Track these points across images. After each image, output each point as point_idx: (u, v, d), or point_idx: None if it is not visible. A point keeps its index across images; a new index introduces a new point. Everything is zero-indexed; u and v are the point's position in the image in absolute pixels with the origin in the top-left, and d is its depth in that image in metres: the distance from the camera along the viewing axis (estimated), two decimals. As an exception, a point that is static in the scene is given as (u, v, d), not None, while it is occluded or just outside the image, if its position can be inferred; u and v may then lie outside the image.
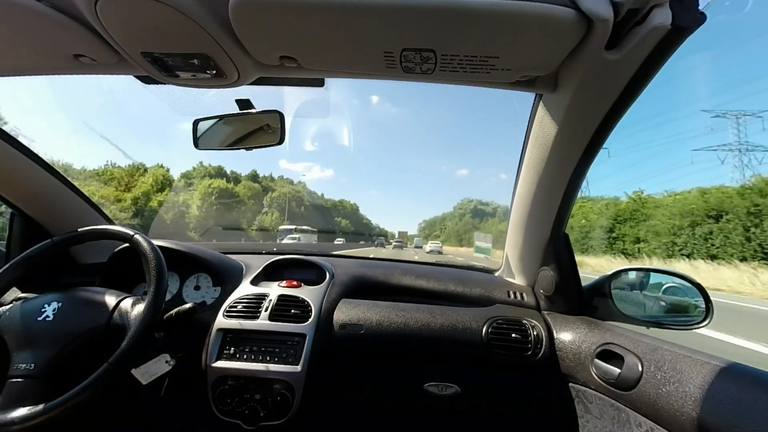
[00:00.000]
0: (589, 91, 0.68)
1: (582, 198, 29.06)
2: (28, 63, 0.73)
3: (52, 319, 0.75)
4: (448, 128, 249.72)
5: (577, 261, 1.02)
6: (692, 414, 0.61)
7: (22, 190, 1.07)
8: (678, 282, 1.00)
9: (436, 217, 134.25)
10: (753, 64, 46.57)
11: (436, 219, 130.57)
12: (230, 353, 0.93)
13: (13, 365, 0.69)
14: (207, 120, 1.03)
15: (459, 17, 0.53)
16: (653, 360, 0.74)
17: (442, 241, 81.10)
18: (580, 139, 0.79)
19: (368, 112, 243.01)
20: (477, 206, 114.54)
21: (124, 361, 0.69)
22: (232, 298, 1.04)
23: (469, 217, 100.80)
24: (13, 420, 0.60)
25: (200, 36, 0.59)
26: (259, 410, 0.89)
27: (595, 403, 0.86)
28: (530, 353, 0.97)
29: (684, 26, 0.52)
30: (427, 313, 1.05)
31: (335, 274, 1.19)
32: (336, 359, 1.00)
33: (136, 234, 0.85)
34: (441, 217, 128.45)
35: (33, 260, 0.84)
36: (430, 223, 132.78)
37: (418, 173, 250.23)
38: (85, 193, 1.21)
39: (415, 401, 1.02)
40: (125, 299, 0.81)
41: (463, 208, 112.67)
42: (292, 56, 0.66)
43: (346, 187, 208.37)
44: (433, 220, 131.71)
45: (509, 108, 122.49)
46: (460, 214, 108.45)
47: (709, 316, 0.89)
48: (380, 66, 0.67)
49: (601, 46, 0.57)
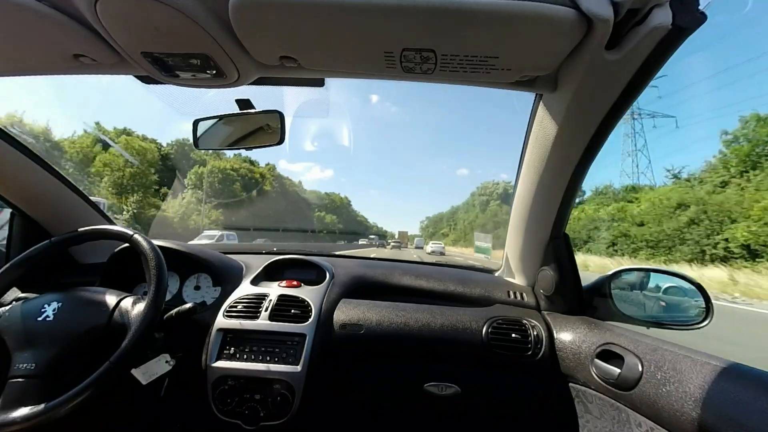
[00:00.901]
0: (589, 91, 0.68)
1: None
2: (28, 63, 0.73)
3: (52, 319, 0.75)
4: (449, 126, 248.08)
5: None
6: (692, 414, 0.61)
7: (22, 190, 1.07)
8: (678, 282, 1.00)
9: (442, 213, 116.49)
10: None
11: (442, 215, 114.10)
12: (230, 353, 0.93)
13: (13, 365, 0.69)
14: (207, 120, 1.03)
15: (459, 17, 0.53)
16: (653, 360, 0.74)
17: (454, 241, 71.34)
18: (580, 139, 0.79)
19: (368, 110, 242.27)
20: (507, 190, 75.94)
21: (124, 360, 0.69)
22: (232, 298, 1.04)
23: (497, 204, 72.71)
24: (14, 420, 0.60)
25: (200, 36, 0.59)
26: (259, 410, 0.89)
27: (595, 403, 0.86)
28: (530, 353, 0.97)
29: (684, 26, 0.52)
30: (427, 313, 1.05)
31: (335, 274, 1.19)
32: (336, 359, 1.00)
33: (135, 234, 0.85)
34: (451, 211, 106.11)
35: (33, 260, 0.84)
36: (435, 220, 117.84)
37: (419, 172, 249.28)
38: (85, 193, 1.21)
39: (415, 401, 1.02)
40: (125, 299, 0.81)
41: (486, 193, 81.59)
42: (292, 56, 0.66)
43: (346, 186, 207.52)
44: (439, 217, 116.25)
45: (512, 106, 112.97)
46: (482, 202, 79.66)
47: (710, 316, 0.89)
48: (380, 66, 0.67)
49: (602, 46, 0.57)
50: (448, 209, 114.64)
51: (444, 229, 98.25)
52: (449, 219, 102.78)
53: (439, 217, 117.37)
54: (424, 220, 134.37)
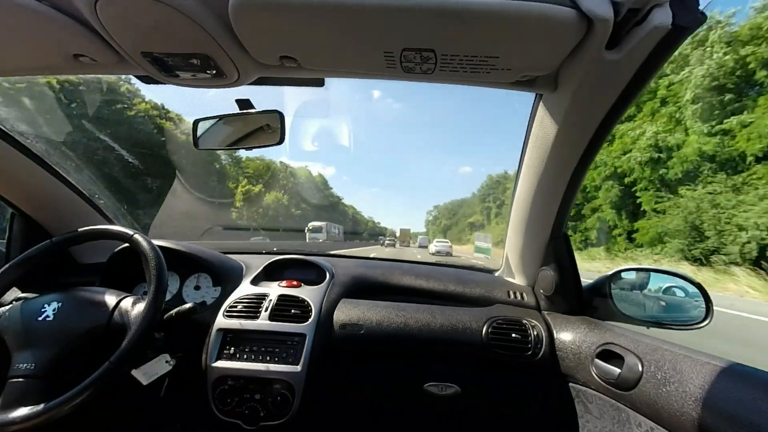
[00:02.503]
0: (589, 91, 0.68)
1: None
2: (28, 63, 0.74)
3: (52, 319, 0.75)
4: (450, 125, 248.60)
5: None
6: (692, 414, 0.61)
7: (22, 190, 1.07)
8: (678, 282, 1.00)
9: (454, 201, 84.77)
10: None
11: (462, 201, 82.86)
12: (230, 353, 0.93)
13: (13, 365, 0.69)
14: (207, 120, 1.03)
15: (459, 17, 0.53)
16: (653, 360, 0.74)
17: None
18: (580, 139, 0.79)
19: (369, 108, 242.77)
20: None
21: (124, 360, 0.69)
22: (232, 298, 1.04)
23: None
24: (13, 420, 0.60)
25: (200, 36, 0.59)
26: (259, 410, 0.89)
27: (595, 403, 0.86)
28: (530, 353, 0.97)
29: (684, 26, 0.52)
30: (427, 313, 1.05)
31: (335, 274, 1.19)
32: (336, 359, 1.00)
33: (135, 234, 0.85)
34: (473, 198, 78.44)
35: (33, 260, 0.84)
36: (447, 209, 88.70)
37: (420, 170, 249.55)
38: (86, 193, 1.21)
39: (415, 401, 1.03)
40: (125, 299, 0.82)
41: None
42: (292, 56, 0.66)
43: (347, 185, 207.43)
44: (456, 204, 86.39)
45: (514, 104, 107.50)
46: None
47: (710, 316, 0.89)
48: (380, 66, 0.67)
49: (602, 46, 0.57)
50: (468, 196, 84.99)
51: (476, 217, 72.12)
52: (473, 207, 74.06)
53: (456, 205, 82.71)
54: (432, 210, 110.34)
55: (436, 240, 32.99)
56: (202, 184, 34.16)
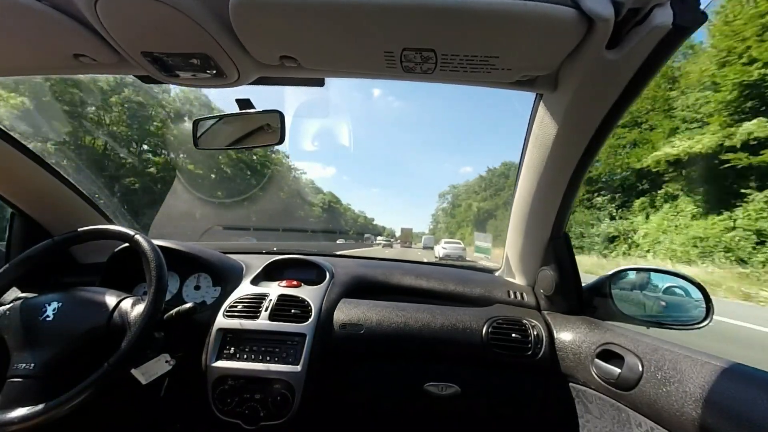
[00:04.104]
0: (589, 91, 0.68)
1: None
2: (28, 63, 0.73)
3: (52, 319, 0.75)
4: (451, 125, 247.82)
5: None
6: (692, 414, 0.61)
7: (22, 190, 1.07)
8: (678, 282, 1.00)
9: (492, 171, 64.49)
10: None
11: (503, 169, 61.86)
12: (230, 353, 0.93)
13: (13, 365, 0.69)
14: (207, 119, 1.03)
15: (459, 17, 0.53)
16: (653, 360, 0.74)
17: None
18: (580, 139, 0.79)
19: (369, 107, 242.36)
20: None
21: (124, 361, 0.69)
22: (232, 298, 1.04)
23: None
24: (12, 420, 0.60)
25: (200, 36, 0.59)
26: (259, 410, 0.89)
27: (595, 403, 0.86)
28: (530, 353, 0.97)
29: (685, 26, 0.52)
30: (427, 313, 1.05)
31: (335, 273, 1.19)
32: (336, 359, 1.00)
33: (136, 234, 0.85)
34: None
35: (33, 260, 0.84)
36: (471, 187, 70.14)
37: (420, 171, 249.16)
38: (86, 192, 1.21)
39: (415, 401, 1.02)
40: (125, 299, 0.81)
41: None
42: (292, 56, 0.66)
43: (348, 185, 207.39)
44: (498, 172, 62.97)
45: (513, 104, 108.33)
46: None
47: (710, 315, 0.89)
48: (380, 66, 0.67)
49: (602, 45, 0.57)
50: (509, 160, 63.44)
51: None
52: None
53: (497, 173, 62.20)
54: (446, 191, 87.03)
55: (444, 240, 25.03)
56: (202, 183, 33.80)
